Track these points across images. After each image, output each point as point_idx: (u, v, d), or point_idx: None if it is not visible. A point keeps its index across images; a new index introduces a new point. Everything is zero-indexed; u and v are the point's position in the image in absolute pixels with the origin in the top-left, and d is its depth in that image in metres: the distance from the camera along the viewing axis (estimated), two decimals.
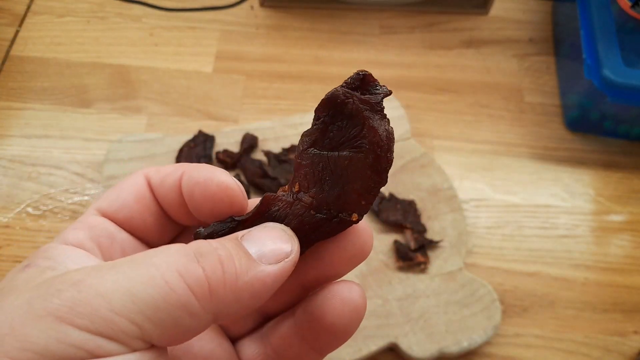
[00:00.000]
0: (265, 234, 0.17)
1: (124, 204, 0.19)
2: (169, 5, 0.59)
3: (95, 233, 0.18)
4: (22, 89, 0.53)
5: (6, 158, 0.48)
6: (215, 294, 0.15)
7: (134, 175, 0.19)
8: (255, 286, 0.15)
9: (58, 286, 0.14)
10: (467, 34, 0.58)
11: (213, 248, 0.16)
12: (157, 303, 0.14)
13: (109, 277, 0.14)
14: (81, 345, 0.13)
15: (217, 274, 0.15)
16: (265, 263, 0.16)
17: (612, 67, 0.44)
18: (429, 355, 0.39)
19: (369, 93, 0.18)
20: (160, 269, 0.14)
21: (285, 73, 0.55)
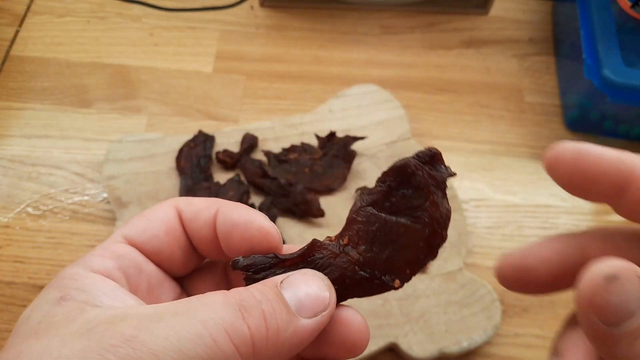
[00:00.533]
0: (306, 282, 0.17)
1: (154, 234, 0.19)
2: (169, 5, 0.59)
3: (124, 263, 0.18)
4: (22, 89, 0.53)
5: (6, 158, 0.48)
6: (258, 351, 0.15)
7: (164, 205, 0.19)
8: (293, 340, 0.16)
9: (111, 340, 0.14)
10: (467, 34, 0.58)
11: (257, 301, 0.16)
12: None
13: (159, 334, 0.14)
14: None
15: (261, 331, 0.15)
16: (304, 316, 0.16)
17: (612, 67, 0.44)
18: (429, 355, 0.39)
19: (435, 170, 0.19)
20: (208, 327, 0.15)
21: (285, 73, 0.55)
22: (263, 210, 0.42)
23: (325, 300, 0.17)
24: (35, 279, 0.43)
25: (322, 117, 0.50)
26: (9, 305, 0.42)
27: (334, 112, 0.50)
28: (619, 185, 0.16)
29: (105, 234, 0.45)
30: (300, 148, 0.47)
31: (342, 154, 0.46)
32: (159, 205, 0.19)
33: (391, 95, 0.51)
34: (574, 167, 0.17)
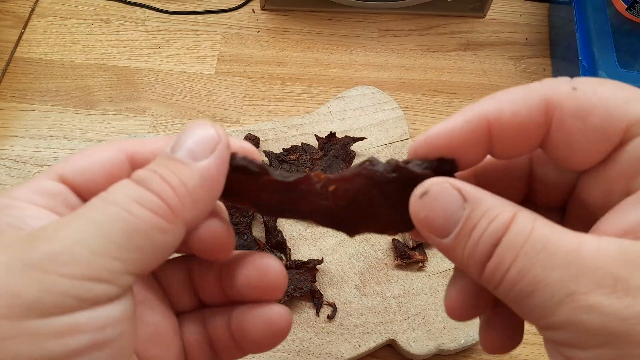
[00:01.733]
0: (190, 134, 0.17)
1: (91, 178, 0.18)
2: (171, 8, 0.60)
3: (56, 202, 0.17)
4: (26, 90, 0.53)
5: (11, 158, 0.49)
6: (174, 208, 0.16)
7: (111, 147, 0.18)
8: (204, 183, 0.16)
9: (33, 243, 0.14)
10: (464, 37, 0.59)
11: (153, 171, 0.16)
12: (129, 234, 0.15)
13: (79, 226, 0.14)
14: (71, 292, 0.14)
15: (167, 189, 0.16)
16: (201, 159, 0.17)
17: (608, 69, 0.45)
18: (427, 352, 0.39)
19: None
20: (121, 204, 0.15)
21: (286, 75, 0.56)
22: None
23: (215, 137, 0.17)
24: None
25: (322, 118, 0.51)
26: None
27: (333, 114, 0.51)
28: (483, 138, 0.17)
29: None
30: (300, 149, 0.48)
31: (341, 154, 0.47)
32: (104, 146, 0.18)
33: (390, 97, 0.52)
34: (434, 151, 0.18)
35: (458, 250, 0.16)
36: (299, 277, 0.40)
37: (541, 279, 0.14)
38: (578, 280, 0.13)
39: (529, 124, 0.16)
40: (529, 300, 0.14)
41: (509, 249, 0.14)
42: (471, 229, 0.15)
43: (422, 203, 0.16)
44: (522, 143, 0.17)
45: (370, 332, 0.40)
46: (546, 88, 0.17)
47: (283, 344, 0.39)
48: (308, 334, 0.40)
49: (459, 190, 0.16)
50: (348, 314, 0.40)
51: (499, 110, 0.17)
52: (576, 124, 0.16)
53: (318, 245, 0.44)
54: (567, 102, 0.16)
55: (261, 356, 0.39)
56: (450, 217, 0.16)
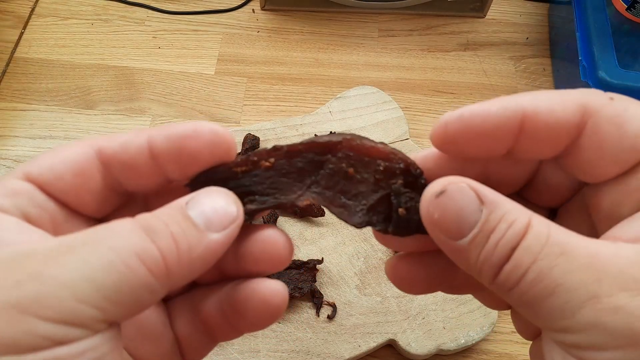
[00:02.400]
0: (211, 199, 0.17)
1: (59, 176, 0.17)
2: (171, 8, 0.60)
3: (22, 201, 0.16)
4: (26, 90, 0.53)
5: (11, 158, 0.49)
6: (171, 271, 0.15)
7: (79, 143, 0.18)
8: (205, 256, 0.16)
9: (16, 276, 0.14)
10: (464, 37, 0.59)
11: (164, 224, 0.15)
12: (119, 287, 0.14)
13: (69, 266, 0.14)
14: (48, 335, 0.13)
15: (172, 251, 0.15)
16: (213, 231, 0.16)
17: (608, 68, 0.45)
18: (427, 352, 0.39)
19: None
20: (119, 253, 0.14)
21: (286, 75, 0.56)
22: None
23: (233, 214, 0.17)
24: None
25: (322, 118, 0.51)
26: None
27: (333, 114, 0.51)
28: (513, 130, 0.17)
29: None
30: None
31: None
32: (72, 143, 0.18)
33: (390, 97, 0.52)
34: (465, 130, 0.17)
35: (472, 253, 0.15)
36: (299, 277, 0.40)
37: (561, 281, 0.14)
38: (600, 283, 0.13)
39: (563, 123, 0.16)
40: (546, 302, 0.14)
41: (527, 253, 0.14)
42: (489, 233, 0.15)
43: (437, 203, 0.16)
44: (550, 142, 0.17)
45: (370, 332, 0.40)
46: (584, 93, 0.17)
47: (283, 344, 0.39)
48: (308, 334, 0.40)
49: (476, 191, 0.15)
50: (348, 314, 0.40)
51: (536, 104, 0.16)
52: (612, 130, 0.16)
53: (318, 245, 0.44)
54: (605, 108, 0.16)
55: (261, 356, 0.39)
56: (467, 219, 0.15)
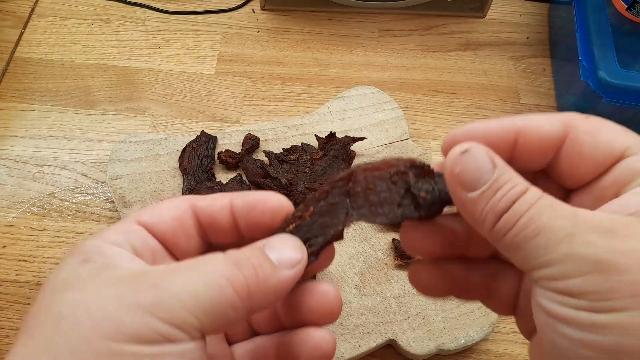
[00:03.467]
0: (282, 243, 0.21)
1: (162, 219, 0.22)
2: (171, 8, 0.60)
3: (131, 237, 0.21)
4: (26, 90, 0.53)
5: (11, 158, 0.49)
6: (251, 294, 0.19)
7: (179, 198, 0.23)
8: (277, 286, 0.20)
9: (141, 286, 0.18)
10: (464, 37, 0.59)
11: (248, 258, 0.20)
12: (213, 302, 0.18)
13: (178, 282, 0.18)
14: (160, 331, 0.17)
15: (253, 278, 0.19)
16: (284, 268, 0.20)
17: (608, 68, 0.45)
18: (427, 352, 0.39)
19: None
20: (214, 276, 0.19)
21: (286, 75, 0.56)
22: None
23: (299, 255, 0.21)
24: (39, 278, 0.43)
25: (322, 118, 0.51)
26: (14, 303, 0.42)
27: (333, 114, 0.51)
28: (509, 143, 0.21)
29: None
30: (300, 148, 0.48)
31: (341, 154, 0.47)
32: (173, 198, 0.23)
33: (390, 97, 0.52)
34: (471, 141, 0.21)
35: (480, 204, 0.19)
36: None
37: (547, 224, 0.17)
38: (578, 226, 0.17)
39: (549, 135, 0.20)
40: (532, 241, 0.17)
41: (524, 203, 0.18)
42: (497, 189, 0.19)
43: (460, 159, 0.19)
44: (540, 151, 0.21)
45: (370, 332, 0.40)
46: (565, 115, 0.21)
47: None
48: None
49: (491, 157, 0.19)
50: (348, 314, 0.40)
51: (527, 121, 0.21)
52: (588, 139, 0.20)
53: None
54: (582, 122, 0.20)
55: None
56: (482, 176, 0.19)
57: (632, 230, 0.17)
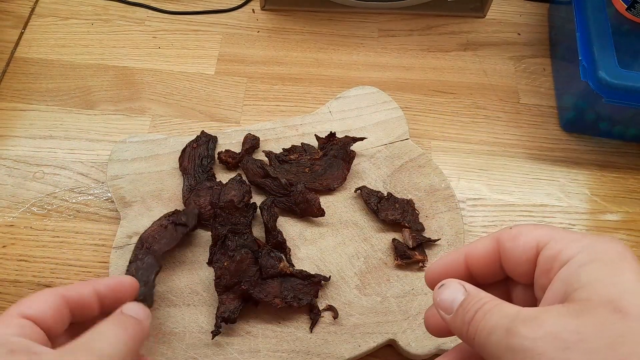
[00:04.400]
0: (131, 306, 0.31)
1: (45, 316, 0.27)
2: (171, 8, 0.60)
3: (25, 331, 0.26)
4: (26, 90, 0.53)
5: (11, 158, 0.49)
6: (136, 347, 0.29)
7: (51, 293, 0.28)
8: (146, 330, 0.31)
9: None
10: (464, 37, 0.59)
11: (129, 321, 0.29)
12: None
13: None
14: None
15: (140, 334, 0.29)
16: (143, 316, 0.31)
17: (608, 68, 0.45)
18: (427, 352, 0.39)
19: None
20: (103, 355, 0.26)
21: (286, 75, 0.56)
22: (264, 209, 0.43)
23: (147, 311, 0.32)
24: (39, 277, 0.43)
25: (322, 118, 0.51)
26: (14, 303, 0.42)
27: (333, 114, 0.51)
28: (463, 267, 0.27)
29: (109, 232, 0.45)
30: (300, 148, 0.48)
31: (341, 154, 0.47)
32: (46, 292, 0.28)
33: (390, 97, 0.52)
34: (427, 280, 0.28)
35: (457, 320, 0.24)
36: (301, 289, 0.40)
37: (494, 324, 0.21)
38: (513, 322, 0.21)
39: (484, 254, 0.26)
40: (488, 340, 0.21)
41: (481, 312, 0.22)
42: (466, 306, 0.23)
43: (439, 291, 0.25)
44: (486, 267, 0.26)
45: (370, 332, 0.40)
46: (497, 232, 0.26)
47: (283, 344, 0.39)
48: (308, 334, 0.40)
49: (463, 286, 0.24)
50: (348, 314, 0.40)
51: (468, 249, 0.26)
52: (509, 246, 0.25)
53: (318, 245, 0.44)
54: (505, 234, 0.25)
55: (261, 356, 0.39)
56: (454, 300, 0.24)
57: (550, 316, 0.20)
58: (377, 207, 0.45)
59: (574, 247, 0.22)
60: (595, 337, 0.19)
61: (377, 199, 0.45)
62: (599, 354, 0.19)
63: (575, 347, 0.19)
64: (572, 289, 0.21)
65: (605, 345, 0.19)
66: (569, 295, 0.21)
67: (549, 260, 0.23)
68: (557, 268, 0.22)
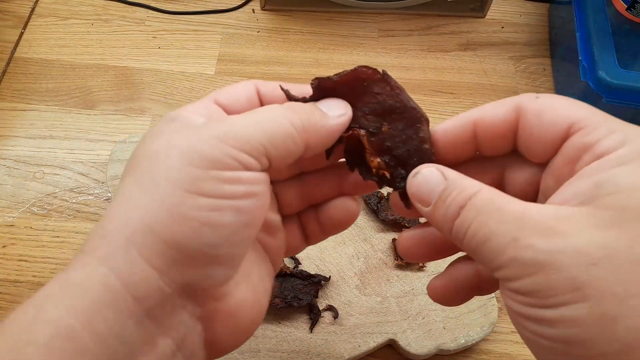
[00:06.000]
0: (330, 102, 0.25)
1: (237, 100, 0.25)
2: (171, 8, 0.60)
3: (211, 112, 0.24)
4: (26, 90, 0.53)
5: (11, 158, 0.49)
6: (306, 130, 0.23)
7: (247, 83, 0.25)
8: (327, 128, 0.24)
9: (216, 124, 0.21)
10: (464, 37, 0.59)
11: (301, 105, 0.24)
12: (274, 132, 0.22)
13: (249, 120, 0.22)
14: (234, 156, 0.21)
15: (307, 119, 0.23)
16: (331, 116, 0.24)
17: (608, 68, 0.45)
18: (426, 352, 0.39)
19: None
20: (277, 115, 0.22)
21: (286, 75, 0.56)
22: None
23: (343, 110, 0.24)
24: (39, 278, 0.43)
25: None
26: (14, 303, 0.42)
27: None
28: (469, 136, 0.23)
29: None
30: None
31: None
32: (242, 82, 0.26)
33: None
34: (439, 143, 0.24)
35: (437, 215, 0.21)
36: (302, 289, 0.40)
37: (493, 229, 0.19)
38: (521, 230, 0.18)
39: (504, 121, 0.22)
40: (484, 247, 0.19)
41: (472, 209, 0.19)
42: (445, 198, 0.21)
43: (414, 180, 0.23)
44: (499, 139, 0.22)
45: (370, 332, 0.40)
46: (517, 98, 0.22)
47: (283, 344, 0.39)
48: (308, 334, 0.40)
49: (442, 172, 0.22)
50: (348, 314, 0.40)
51: (481, 113, 0.22)
52: (534, 120, 0.21)
53: (318, 245, 0.43)
54: (530, 104, 0.21)
55: (261, 356, 0.39)
56: (432, 190, 0.21)
57: (571, 226, 0.17)
58: (377, 207, 0.45)
59: (615, 138, 0.18)
60: (626, 254, 0.16)
61: (377, 199, 0.45)
62: (629, 274, 0.16)
63: (601, 264, 0.16)
64: (603, 192, 0.18)
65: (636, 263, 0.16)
66: (598, 198, 0.18)
67: (579, 149, 0.19)
68: (588, 161, 0.19)
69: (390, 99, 0.25)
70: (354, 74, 0.25)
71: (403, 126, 0.24)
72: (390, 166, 0.24)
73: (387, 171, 0.24)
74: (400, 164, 0.24)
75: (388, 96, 0.25)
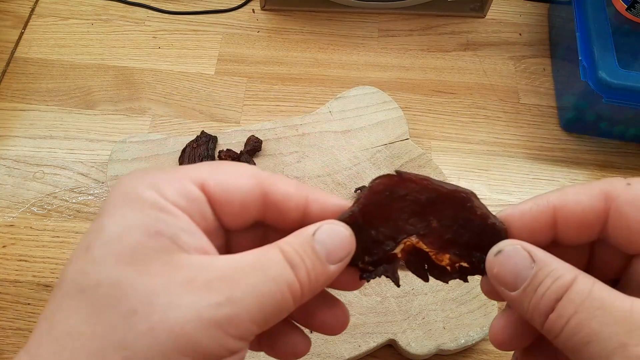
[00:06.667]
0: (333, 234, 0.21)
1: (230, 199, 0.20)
2: (171, 8, 0.60)
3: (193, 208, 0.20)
4: (26, 90, 0.53)
5: (11, 158, 0.49)
6: (303, 296, 0.20)
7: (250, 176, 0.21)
8: (326, 282, 0.21)
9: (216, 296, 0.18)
10: (464, 37, 0.59)
11: (301, 259, 0.20)
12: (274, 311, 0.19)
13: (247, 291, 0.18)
14: (230, 347, 0.18)
15: (306, 282, 0.20)
16: (331, 263, 0.20)
17: (608, 68, 0.45)
18: (426, 352, 0.39)
19: None
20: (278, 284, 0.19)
21: (286, 75, 0.56)
22: None
23: (345, 253, 0.21)
24: (39, 277, 0.43)
25: (322, 118, 0.51)
26: (14, 303, 0.42)
27: (333, 114, 0.51)
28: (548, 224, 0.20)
29: None
30: None
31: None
32: (245, 170, 0.21)
33: (389, 97, 0.52)
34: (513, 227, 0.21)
35: (524, 303, 0.19)
36: None
37: (598, 332, 0.16)
38: (630, 334, 0.16)
39: (590, 211, 0.20)
40: (585, 349, 0.17)
41: (570, 304, 0.17)
42: (537, 286, 0.18)
43: (496, 260, 0.20)
44: (583, 229, 0.20)
45: (370, 332, 0.40)
46: (605, 184, 0.20)
47: None
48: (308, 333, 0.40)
49: (529, 252, 0.19)
50: None
51: (564, 198, 0.20)
52: (632, 211, 0.19)
53: None
54: (623, 193, 0.19)
55: (262, 356, 0.39)
56: (520, 274, 0.19)
57: None
58: None
59: None
60: None
61: None
62: None
63: None
64: None
65: None
66: None
67: None
68: None
69: (422, 194, 0.22)
70: (371, 193, 0.22)
71: (452, 213, 0.22)
72: (463, 256, 0.22)
73: (463, 260, 0.22)
74: (474, 248, 0.22)
75: (418, 192, 0.22)
